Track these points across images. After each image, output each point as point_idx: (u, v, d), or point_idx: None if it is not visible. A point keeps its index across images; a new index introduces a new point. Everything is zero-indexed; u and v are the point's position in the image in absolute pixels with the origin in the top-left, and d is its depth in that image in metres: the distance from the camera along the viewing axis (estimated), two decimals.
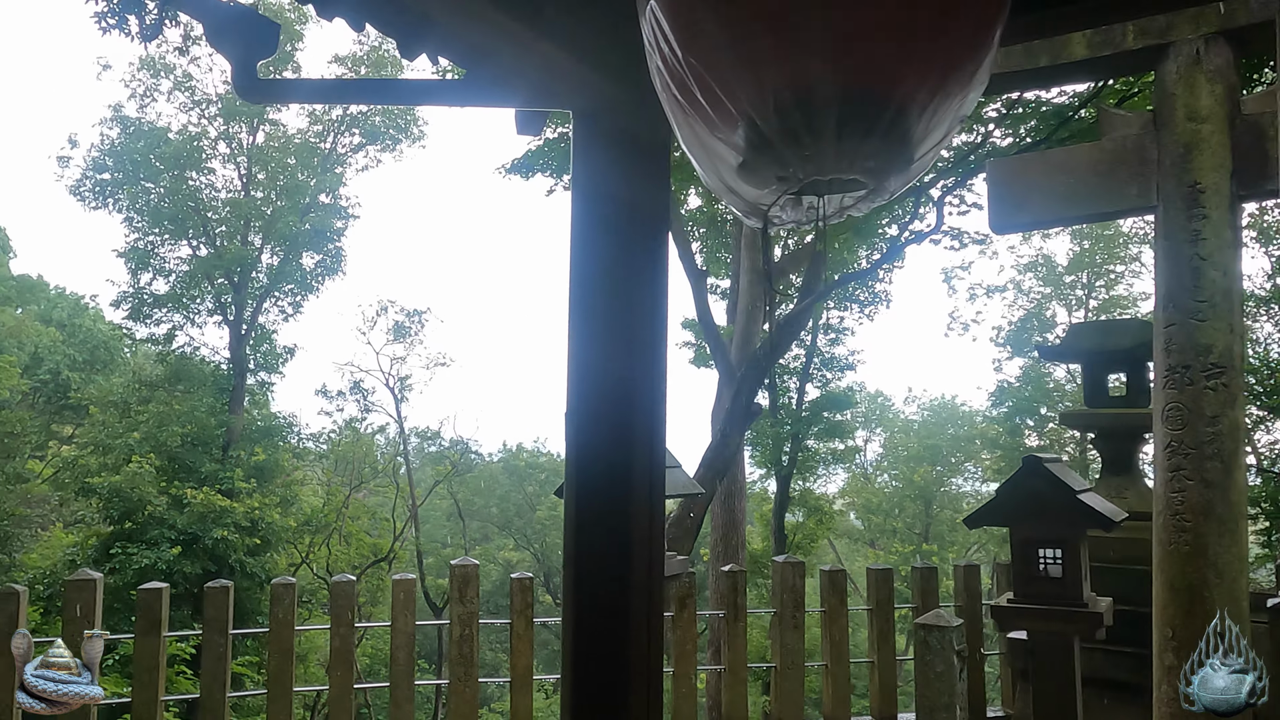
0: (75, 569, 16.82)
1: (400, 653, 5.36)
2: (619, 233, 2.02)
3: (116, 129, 21.23)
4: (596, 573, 1.96)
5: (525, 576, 5.62)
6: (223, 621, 5.12)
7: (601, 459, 1.98)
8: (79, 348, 25.73)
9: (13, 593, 4.97)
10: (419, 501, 23.44)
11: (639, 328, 2.00)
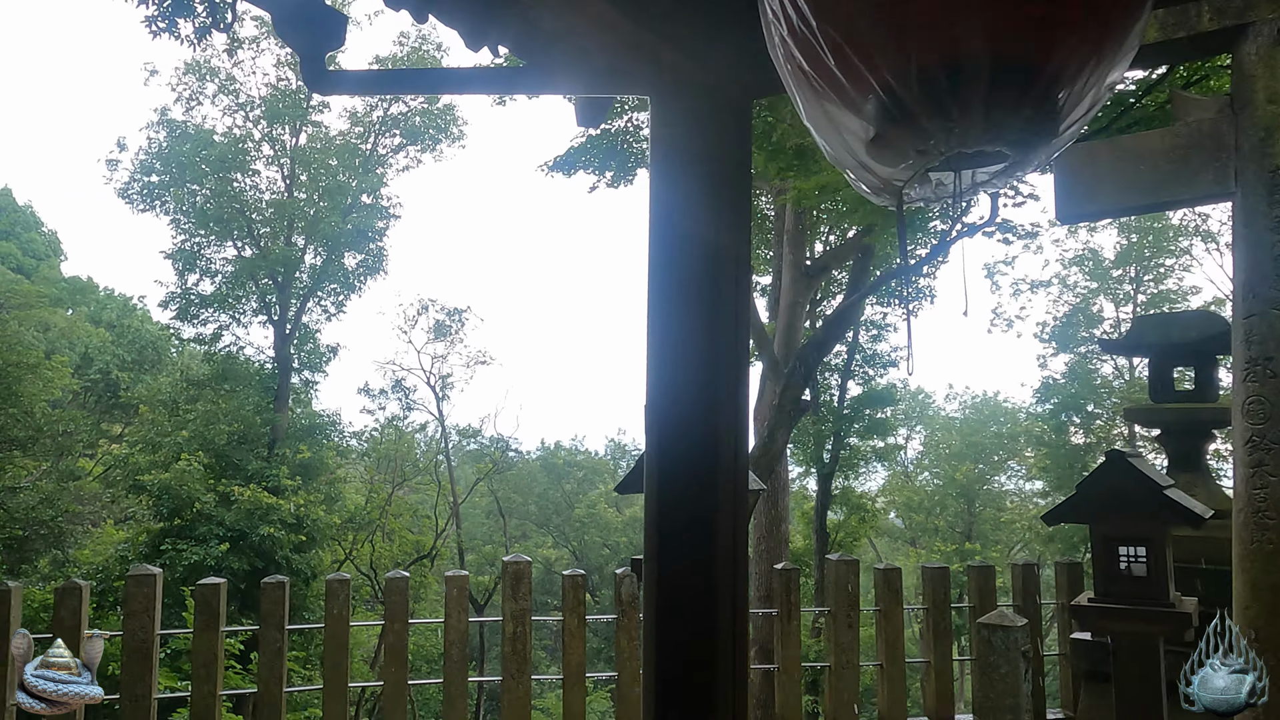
0: (127, 565, 17.19)
1: (454, 649, 5.35)
2: (700, 221, 1.96)
3: (163, 132, 21.59)
4: (681, 571, 1.91)
5: (578, 573, 5.58)
6: (279, 617, 5.14)
7: (685, 456, 1.93)
8: (128, 348, 26.24)
9: (76, 587, 5.03)
10: (460, 499, 23.59)
11: (721, 318, 1.94)
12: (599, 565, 32.61)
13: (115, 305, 32.03)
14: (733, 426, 1.92)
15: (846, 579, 5.77)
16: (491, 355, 24.59)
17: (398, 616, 5.32)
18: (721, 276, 1.95)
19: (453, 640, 5.35)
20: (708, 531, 1.88)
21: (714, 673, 1.85)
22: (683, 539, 1.90)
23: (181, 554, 16.25)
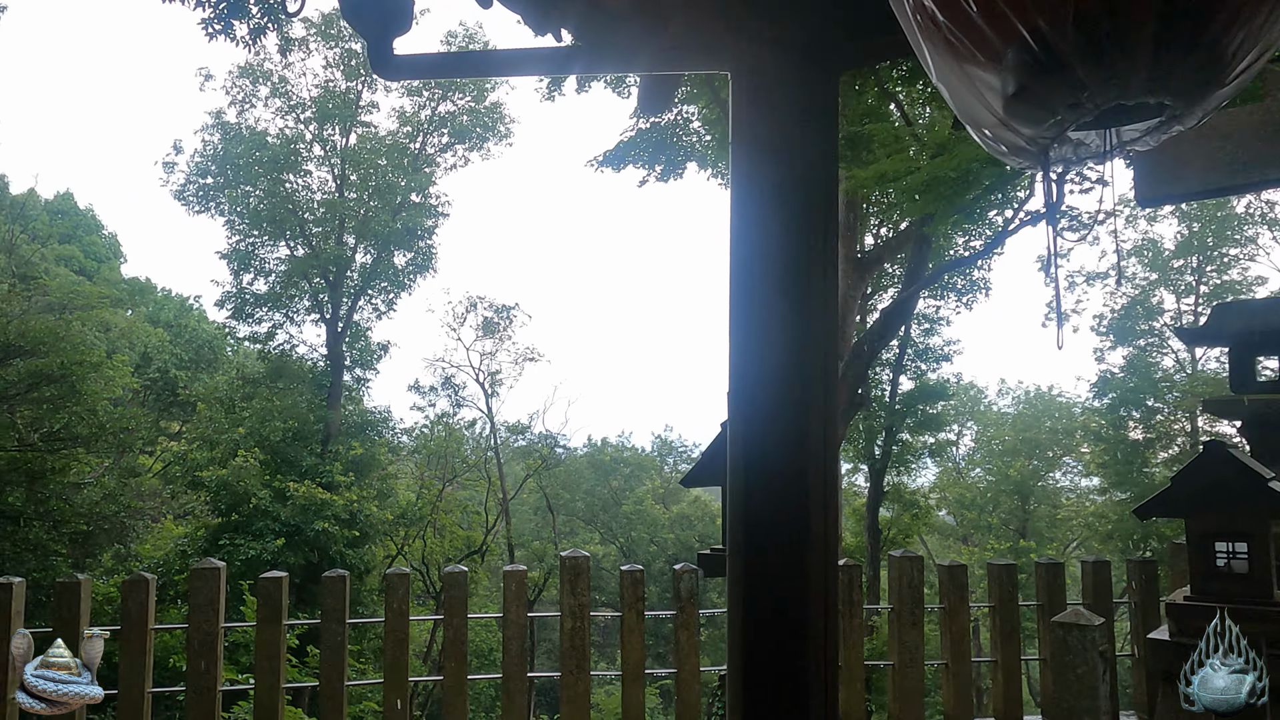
0: (187, 559, 17.55)
1: (512, 644, 5.33)
2: (786, 204, 1.88)
3: (217, 135, 22.01)
4: (772, 566, 1.83)
5: (635, 569, 5.53)
6: (340, 611, 5.16)
7: (774, 448, 1.85)
8: (185, 347, 26.82)
9: (142, 581, 5.10)
10: (510, 495, 23.71)
11: (810, 303, 1.86)
12: (646, 562, 32.53)
13: (173, 305, 32.76)
14: (823, 417, 1.84)
15: (910, 575, 5.63)
16: (540, 352, 24.64)
17: (456, 611, 5.30)
18: (809, 261, 1.86)
19: (511, 635, 5.32)
20: (800, 526, 1.80)
21: (807, 671, 1.77)
22: (774, 534, 1.82)
23: (239, 549, 16.56)
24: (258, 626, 5.15)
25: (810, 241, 1.87)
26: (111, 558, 19.43)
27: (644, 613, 5.47)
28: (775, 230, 1.88)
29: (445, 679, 5.26)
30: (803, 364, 1.84)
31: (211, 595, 5.04)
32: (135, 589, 5.05)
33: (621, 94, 10.95)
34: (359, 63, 22.25)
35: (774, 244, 1.88)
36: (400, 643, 5.25)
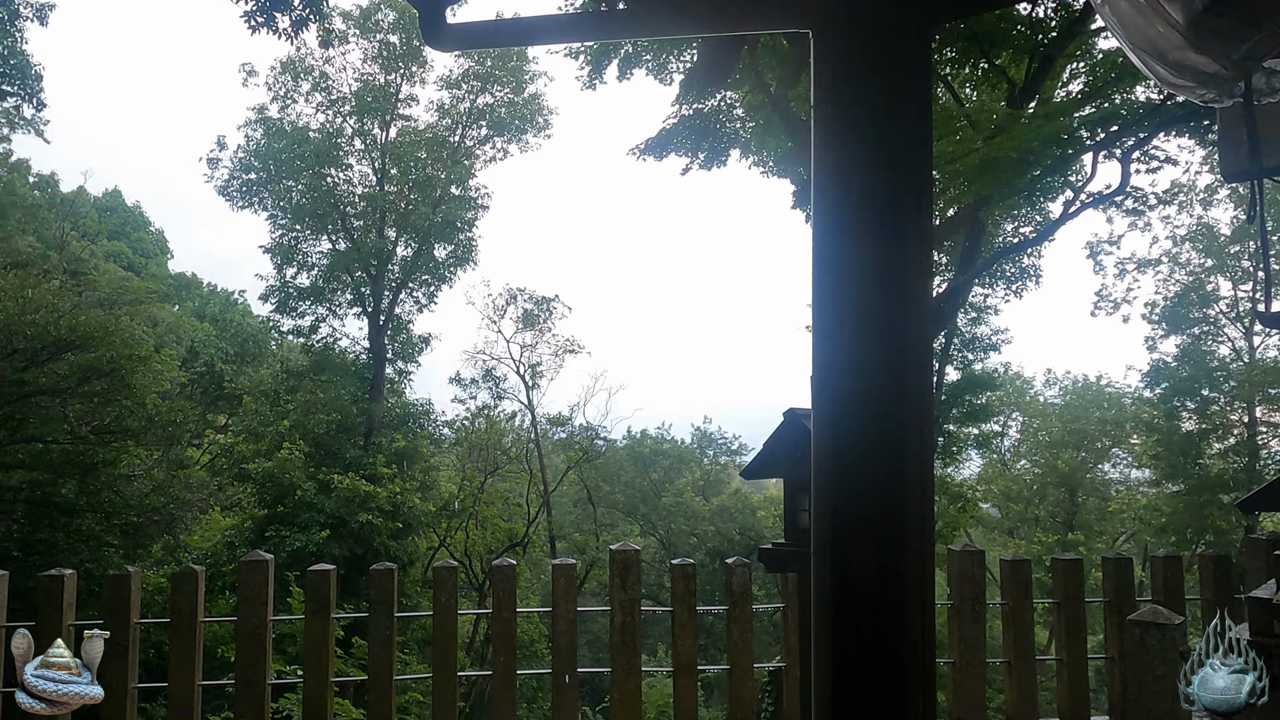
0: (234, 551, 17.76)
1: (562, 639, 5.23)
2: (874, 174, 1.73)
3: (260, 130, 22.20)
4: (865, 562, 1.69)
5: (687, 563, 5.40)
6: (388, 604, 5.09)
7: (867, 437, 1.70)
8: (231, 341, 27.17)
9: (191, 572, 5.07)
10: (551, 487, 23.72)
11: (905, 286, 1.71)
12: (687, 554, 32.42)
13: (218, 300, 33.25)
14: (920, 407, 1.69)
15: (971, 570, 5.44)
16: (580, 344, 24.56)
17: (505, 605, 5.21)
18: (903, 238, 1.71)
19: (561, 630, 5.22)
20: (897, 523, 1.66)
21: (904, 672, 1.64)
22: (868, 530, 1.68)
23: (284, 540, 16.72)
24: (305, 620, 5.10)
25: (904, 216, 1.72)
26: (161, 549, 19.75)
27: (696, 608, 5.35)
28: (864, 205, 1.72)
29: (494, 674, 5.17)
30: (897, 351, 1.69)
31: (260, 588, 5.00)
32: (184, 581, 5.02)
33: (664, 80, 10.81)
34: (397, 55, 22.31)
35: (863, 220, 1.73)
36: (449, 636, 5.18)
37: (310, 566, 5.23)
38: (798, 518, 3.36)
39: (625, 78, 10.70)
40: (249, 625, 4.99)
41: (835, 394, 1.72)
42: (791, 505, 3.35)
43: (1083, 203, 7.97)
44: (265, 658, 5.02)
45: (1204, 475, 23.36)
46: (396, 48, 22.32)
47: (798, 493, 3.35)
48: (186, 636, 4.98)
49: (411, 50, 22.40)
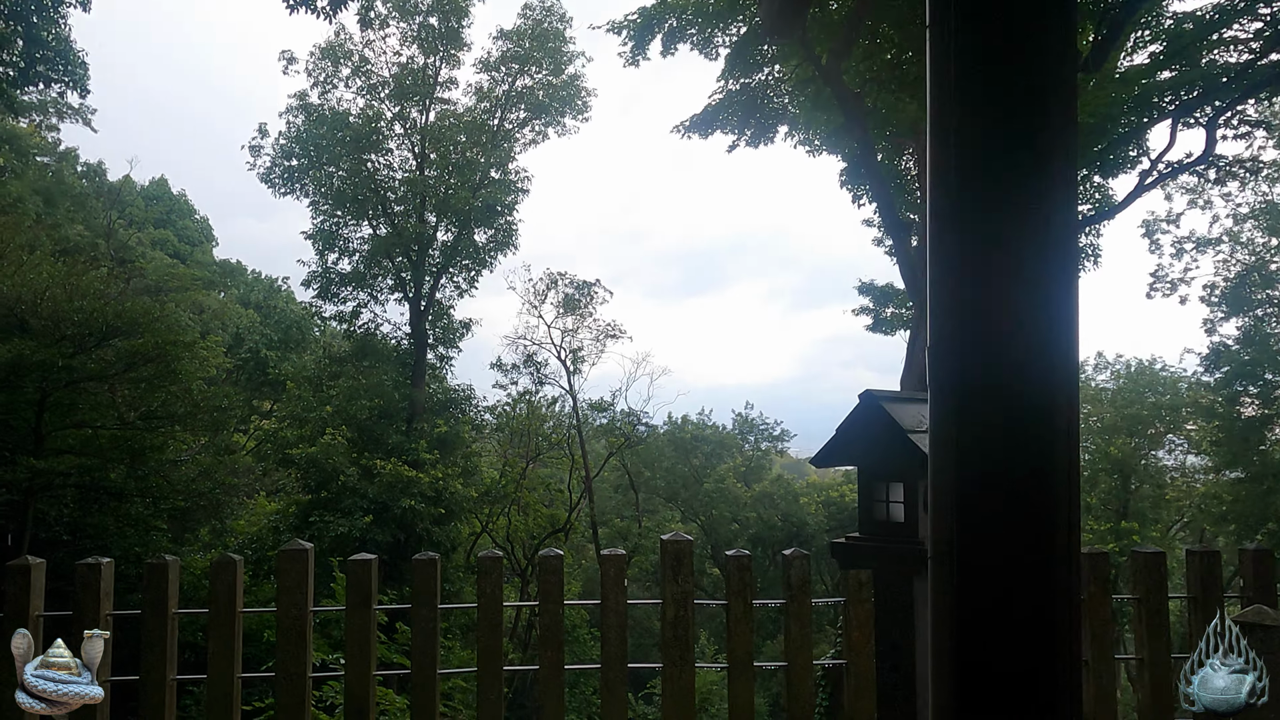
0: (279, 536, 17.85)
1: (612, 633, 4.98)
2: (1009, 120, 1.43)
3: (301, 117, 22.19)
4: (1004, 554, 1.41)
5: (743, 554, 5.12)
6: (431, 595, 4.88)
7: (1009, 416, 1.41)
8: (274, 327, 27.37)
9: (230, 561, 4.91)
10: (593, 473, 23.57)
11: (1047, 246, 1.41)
12: (728, 540, 32.21)
13: (262, 287, 33.53)
14: (1066, 383, 1.40)
15: None
16: (622, 328, 24.32)
17: (552, 597, 4.97)
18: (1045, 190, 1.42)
19: (611, 624, 4.98)
20: (1042, 514, 1.38)
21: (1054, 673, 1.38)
22: (1006, 523, 1.40)
23: (328, 525, 16.74)
24: (346, 612, 4.92)
25: (1044, 166, 1.43)
26: (208, 533, 19.95)
27: (752, 602, 5.07)
28: (996, 154, 1.43)
29: (541, 670, 4.95)
30: (1040, 324, 1.40)
31: (300, 577, 4.82)
32: (223, 571, 4.86)
33: (709, 55, 10.44)
34: (436, 37, 22.14)
35: (994, 171, 1.44)
36: (494, 628, 4.96)
37: (353, 552, 5.05)
38: (874, 509, 3.07)
39: (669, 53, 10.37)
40: (289, 616, 4.82)
41: (961, 373, 1.43)
42: (867, 496, 3.06)
43: (1160, 173, 7.51)
44: (306, 649, 4.85)
45: (1267, 462, 22.57)
46: (436, 30, 22.16)
47: (874, 482, 3.07)
48: (225, 628, 4.82)
49: (450, 32, 22.24)
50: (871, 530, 3.00)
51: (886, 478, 2.98)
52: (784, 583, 5.19)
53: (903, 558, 2.92)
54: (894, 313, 18.66)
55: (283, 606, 4.86)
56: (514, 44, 22.68)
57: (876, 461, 2.98)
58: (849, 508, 35.60)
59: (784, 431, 40.35)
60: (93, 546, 16.39)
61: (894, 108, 10.33)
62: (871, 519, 3.00)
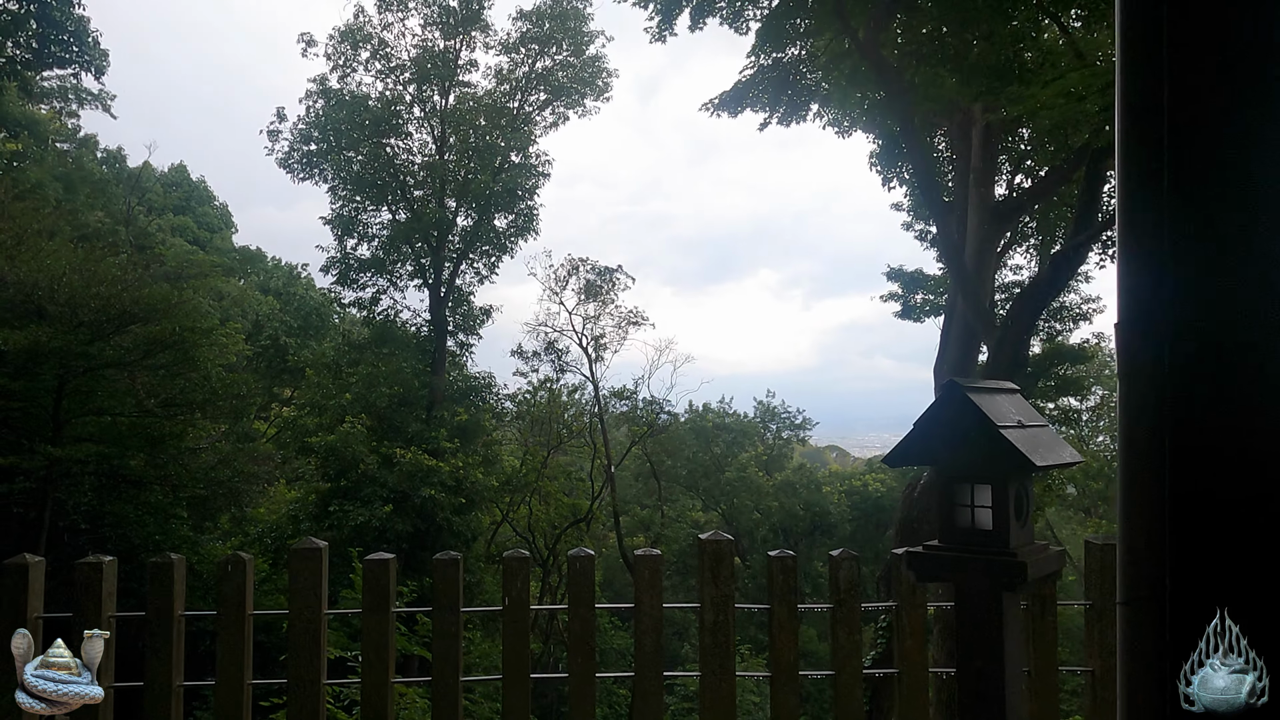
0: (299, 525, 17.65)
1: (646, 639, 4.64)
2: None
3: (320, 101, 21.91)
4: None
5: (786, 555, 4.75)
6: (454, 598, 4.55)
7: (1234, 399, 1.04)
8: (294, 314, 27.20)
9: (239, 560, 4.59)
10: (615, 463, 23.25)
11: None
12: (749, 529, 31.89)
13: (281, 274, 33.38)
14: None
15: (1113, 565, 4.71)
16: (644, 315, 23.94)
17: (583, 600, 4.64)
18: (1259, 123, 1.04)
19: (645, 629, 4.63)
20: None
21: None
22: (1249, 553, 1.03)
23: (348, 514, 16.52)
24: (363, 615, 4.60)
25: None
26: (228, 521, 19.82)
27: (797, 606, 4.71)
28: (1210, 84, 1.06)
29: (571, 677, 4.62)
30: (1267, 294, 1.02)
31: (313, 579, 4.50)
32: (233, 571, 4.54)
33: (739, 30, 10.02)
34: (457, 19, 21.77)
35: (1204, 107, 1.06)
36: (520, 635, 4.62)
37: (373, 542, 4.73)
38: (957, 515, 2.70)
39: (698, 27, 9.96)
40: (301, 619, 4.50)
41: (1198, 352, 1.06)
42: (948, 500, 2.69)
43: None
44: (320, 654, 4.53)
45: None
46: (456, 11, 21.79)
47: (957, 485, 2.69)
48: (235, 631, 4.52)
49: (471, 14, 21.86)
50: (953, 539, 2.63)
51: (972, 479, 2.60)
52: (831, 585, 4.83)
53: (991, 571, 2.54)
54: (924, 299, 18.18)
55: (295, 609, 4.54)
56: (534, 24, 22.27)
57: (961, 461, 2.60)
58: (872, 497, 35.14)
59: (806, 420, 39.86)
60: (112, 535, 16.26)
61: (931, 83, 9.86)
62: (953, 526, 2.63)
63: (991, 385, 2.73)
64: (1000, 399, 2.74)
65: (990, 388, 2.72)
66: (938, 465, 2.69)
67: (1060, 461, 2.72)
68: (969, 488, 2.63)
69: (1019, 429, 2.63)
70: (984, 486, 2.61)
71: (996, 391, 2.75)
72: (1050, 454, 2.63)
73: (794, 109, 10.80)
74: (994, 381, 2.70)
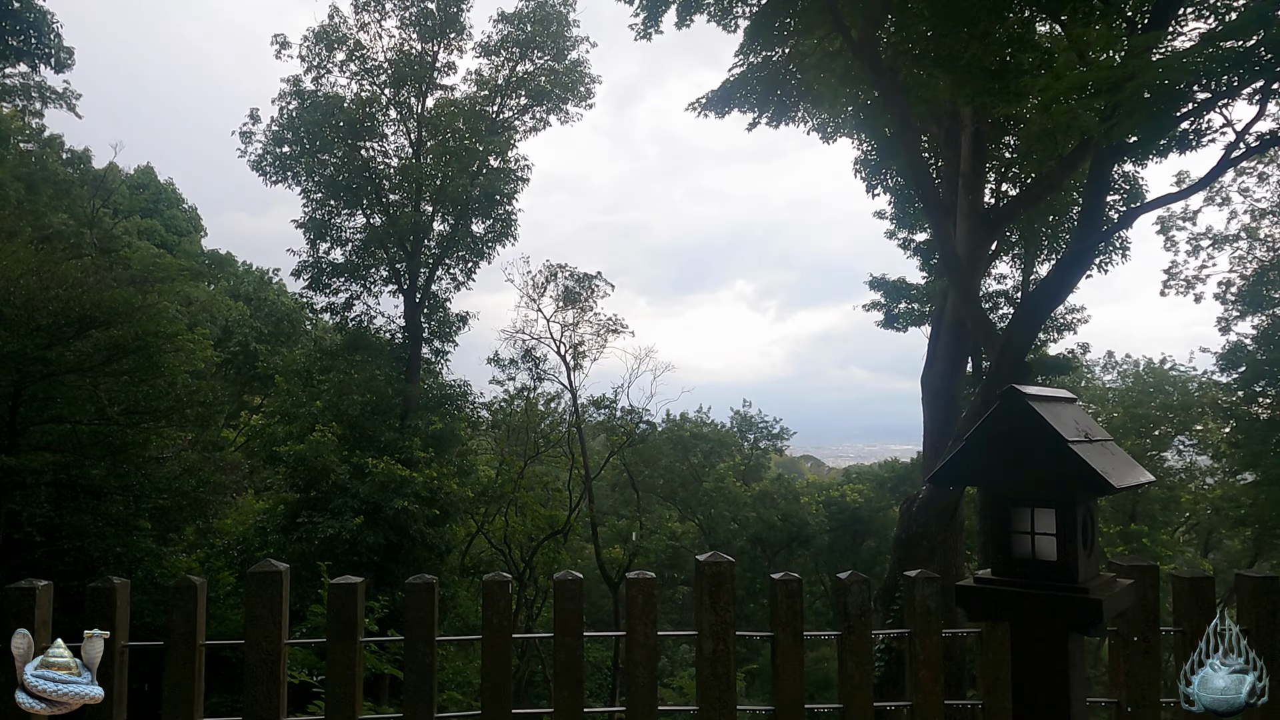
0: (267, 537, 17.07)
1: (639, 670, 4.26)
2: None
3: (294, 103, 21.38)
4: None
5: (791, 578, 4.39)
6: (428, 628, 4.15)
7: None
8: (265, 320, 26.60)
9: (189, 586, 4.16)
10: (594, 474, 22.83)
11: None
12: (726, 540, 31.52)
13: (252, 279, 32.68)
14: None
15: (1144, 590, 4.38)
16: (624, 323, 23.56)
17: (570, 628, 4.25)
18: None
19: (638, 660, 4.25)
20: None
21: None
22: None
23: (317, 526, 15.97)
24: (328, 644, 4.18)
25: None
26: (194, 532, 19.17)
27: (803, 633, 4.34)
28: None
29: (557, 712, 4.22)
30: None
31: (272, 605, 4.08)
32: (182, 597, 4.11)
33: (728, 27, 9.70)
34: (436, 21, 21.36)
35: None
36: (501, 664, 4.22)
37: (344, 555, 4.31)
38: (1015, 543, 2.34)
39: (685, 24, 9.64)
40: (259, 651, 4.07)
41: None
42: (1002, 525, 2.34)
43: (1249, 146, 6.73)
44: (279, 688, 4.10)
45: None
46: (434, 14, 21.38)
47: (1014, 508, 2.33)
48: (184, 662, 4.08)
49: (449, 16, 21.46)
50: (1011, 571, 2.25)
51: (1031, 502, 2.23)
52: (839, 612, 4.46)
53: (1059, 609, 2.17)
54: (908, 308, 17.97)
55: (252, 639, 4.10)
56: (515, 27, 21.90)
57: (1019, 481, 2.23)
58: (850, 508, 34.90)
59: (783, 429, 39.67)
60: (70, 548, 15.62)
61: (924, 84, 9.59)
62: (1009, 556, 2.25)
63: (1050, 394, 2.38)
64: (1061, 409, 2.39)
65: (1050, 396, 2.37)
66: (992, 486, 2.33)
67: (1137, 482, 2.36)
68: (1028, 512, 2.26)
69: (1087, 444, 2.28)
70: (1045, 510, 2.24)
71: (1056, 401, 2.40)
72: (1126, 473, 2.27)
73: (782, 110, 10.49)
74: (1051, 389, 2.35)
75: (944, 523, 8.84)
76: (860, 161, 15.03)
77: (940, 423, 11.94)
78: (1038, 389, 2.35)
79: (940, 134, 12.59)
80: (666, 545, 26.87)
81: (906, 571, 4.58)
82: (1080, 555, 2.22)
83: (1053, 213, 16.25)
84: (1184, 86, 5.54)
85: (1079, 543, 2.22)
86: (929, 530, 8.87)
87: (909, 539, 9.00)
